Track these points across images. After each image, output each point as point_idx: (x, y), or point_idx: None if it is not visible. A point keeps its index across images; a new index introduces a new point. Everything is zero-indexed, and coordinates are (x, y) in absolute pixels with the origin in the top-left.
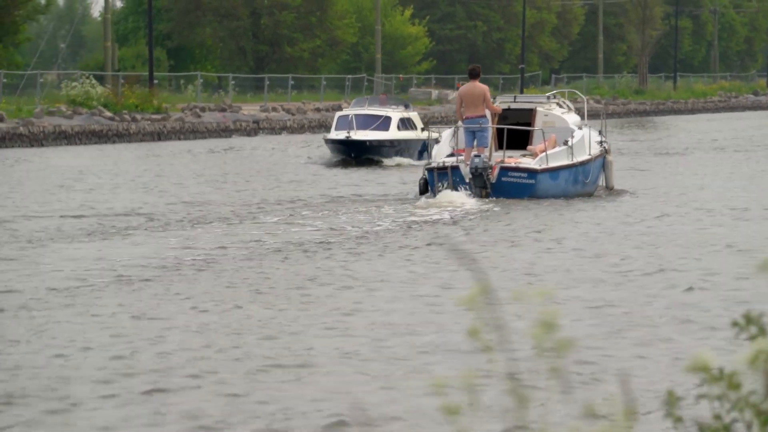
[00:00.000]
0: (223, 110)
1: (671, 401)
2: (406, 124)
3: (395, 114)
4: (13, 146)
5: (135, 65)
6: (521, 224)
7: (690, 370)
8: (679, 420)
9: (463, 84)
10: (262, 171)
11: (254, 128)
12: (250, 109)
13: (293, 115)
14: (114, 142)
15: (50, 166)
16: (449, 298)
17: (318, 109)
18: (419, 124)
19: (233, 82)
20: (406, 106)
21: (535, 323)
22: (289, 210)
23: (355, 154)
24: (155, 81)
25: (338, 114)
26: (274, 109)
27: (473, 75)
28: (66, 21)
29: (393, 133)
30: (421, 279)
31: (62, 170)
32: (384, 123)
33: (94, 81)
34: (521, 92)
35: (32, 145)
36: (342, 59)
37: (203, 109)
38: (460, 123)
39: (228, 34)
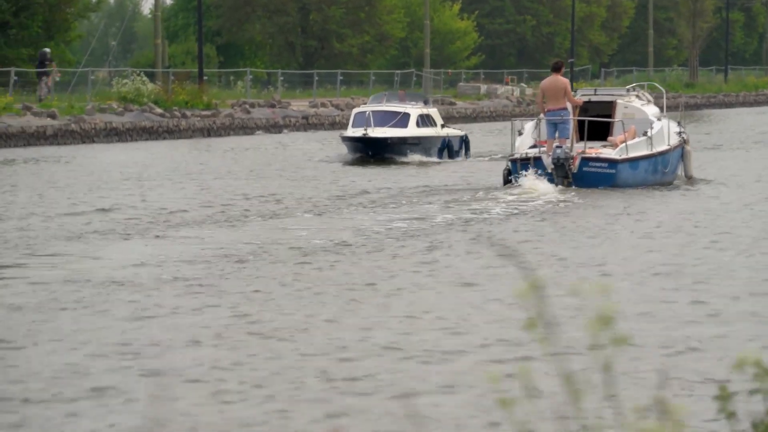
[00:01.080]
0: (273, 106)
1: (724, 397)
2: (425, 120)
3: (414, 110)
4: (65, 143)
5: (185, 62)
6: (604, 212)
7: (738, 367)
8: (732, 415)
9: (512, 79)
10: (317, 166)
11: (303, 124)
12: (299, 105)
13: (342, 110)
14: (164, 138)
15: (105, 162)
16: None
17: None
18: (439, 121)
19: (282, 78)
20: (426, 102)
21: (592, 317)
22: (385, 201)
23: (373, 152)
24: (205, 77)
25: (355, 110)
26: (323, 105)
27: (555, 69)
28: (117, 18)
29: (412, 130)
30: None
31: (117, 166)
32: (402, 120)
33: (144, 78)
34: (571, 87)
35: (84, 142)
36: (391, 54)
37: (252, 105)
38: (542, 115)
39: (277, 30)
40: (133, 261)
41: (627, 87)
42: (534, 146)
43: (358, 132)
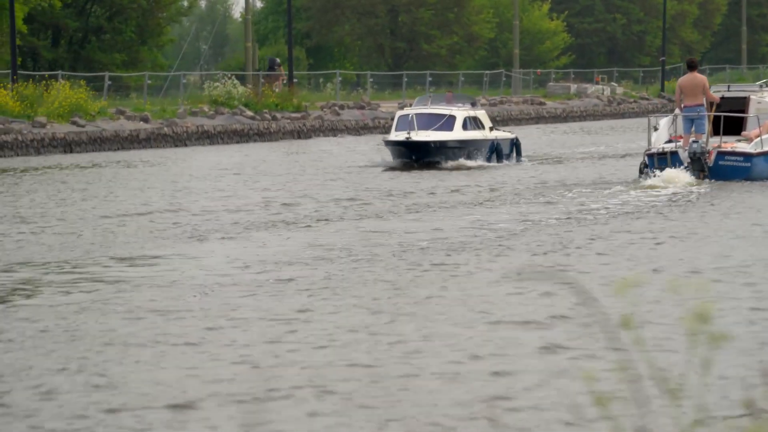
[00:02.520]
0: (362, 108)
1: None
2: (472, 123)
3: (460, 113)
4: (157, 146)
5: None
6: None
7: None
8: None
9: (603, 78)
10: (361, 171)
11: (392, 125)
12: (389, 107)
13: None
14: (254, 140)
15: (200, 164)
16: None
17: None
18: (487, 123)
19: (371, 80)
20: (473, 104)
21: (689, 315)
22: (525, 194)
23: (417, 157)
24: (295, 80)
25: (398, 113)
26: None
27: (691, 67)
28: (208, 22)
29: (457, 134)
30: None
31: (213, 168)
32: (448, 122)
33: (235, 81)
34: (662, 85)
35: (176, 145)
36: (480, 55)
37: (342, 107)
38: (677, 111)
39: (366, 32)
40: (233, 261)
41: (759, 83)
42: (669, 141)
43: (401, 136)
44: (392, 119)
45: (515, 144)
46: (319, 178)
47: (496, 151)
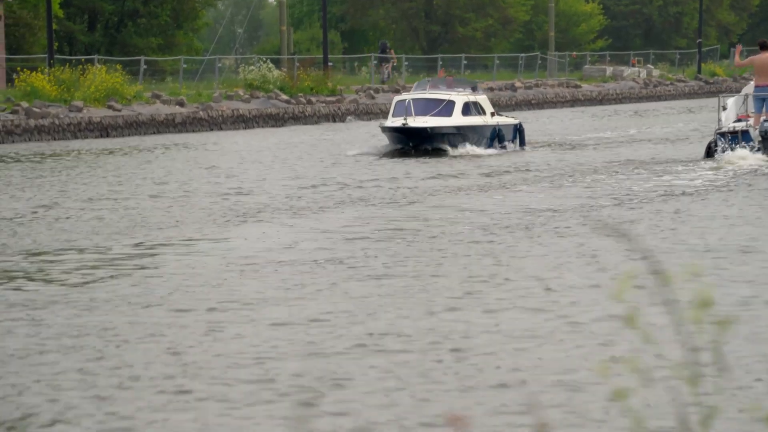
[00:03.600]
0: (397, 91)
1: None
2: (472, 108)
3: (459, 97)
4: (193, 130)
5: (310, 48)
6: None
7: None
8: None
9: (639, 60)
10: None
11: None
12: None
13: None
14: (290, 124)
15: (240, 147)
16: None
17: (491, 89)
18: (489, 108)
19: (406, 63)
20: (474, 89)
21: (694, 302)
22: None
23: (414, 143)
24: (330, 63)
25: (396, 98)
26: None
27: (764, 47)
28: (243, 6)
29: (457, 119)
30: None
31: (253, 150)
32: (446, 108)
33: (270, 65)
34: (699, 68)
35: (211, 129)
36: (515, 38)
37: (377, 91)
38: (744, 90)
39: (401, 15)
40: (284, 242)
41: None
42: (739, 120)
43: (397, 122)
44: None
45: (519, 130)
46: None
47: (497, 137)
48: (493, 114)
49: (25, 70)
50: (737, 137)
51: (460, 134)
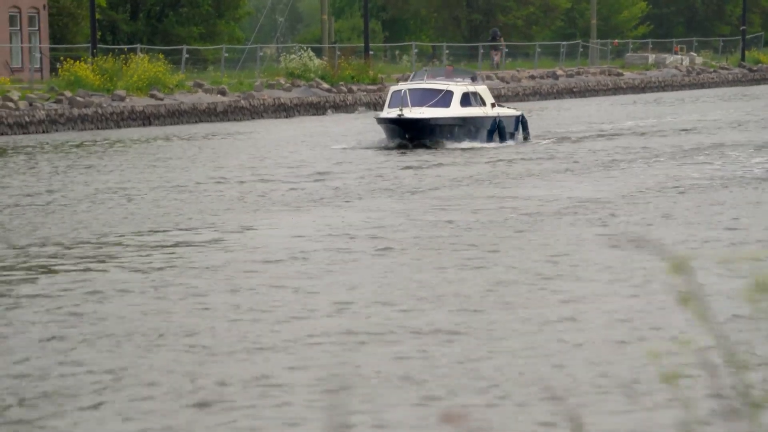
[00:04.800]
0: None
1: None
2: (471, 99)
3: (458, 88)
4: (234, 119)
5: (351, 37)
6: None
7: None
8: None
9: (681, 48)
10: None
11: None
12: None
13: (507, 83)
14: (331, 113)
15: (285, 135)
16: None
17: (532, 77)
18: (489, 99)
19: (447, 52)
20: (473, 79)
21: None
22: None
23: (410, 135)
24: (371, 52)
25: (392, 89)
26: (488, 78)
27: None
28: None
29: (455, 110)
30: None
31: (298, 139)
32: (444, 98)
33: (311, 53)
34: (742, 55)
35: (252, 118)
36: (556, 26)
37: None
38: None
39: (442, 4)
40: (328, 230)
41: None
42: None
43: (393, 113)
44: (509, 90)
45: (521, 121)
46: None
47: (498, 129)
48: (493, 105)
49: (69, 60)
50: None
51: (459, 126)
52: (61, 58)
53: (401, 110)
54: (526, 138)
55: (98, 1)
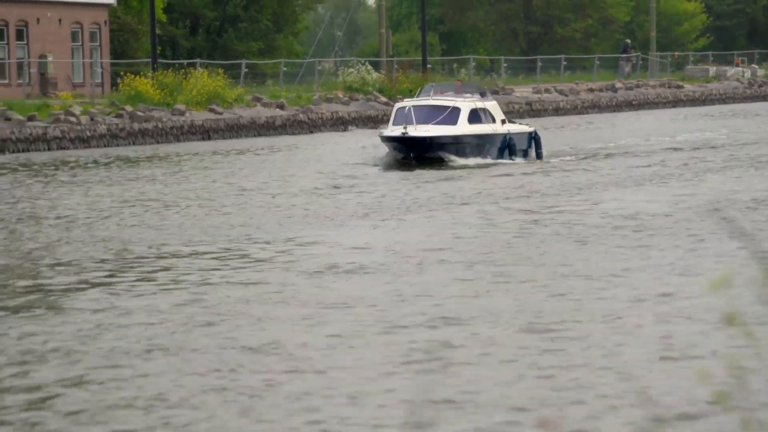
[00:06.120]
0: (496, 92)
1: None
2: (479, 116)
3: (465, 104)
4: (293, 133)
5: (408, 50)
6: None
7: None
8: None
9: (743, 60)
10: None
11: (527, 110)
12: (523, 91)
13: (566, 96)
14: (353, 128)
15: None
16: None
17: (591, 90)
18: (499, 116)
19: (505, 65)
20: (483, 95)
21: None
22: None
23: (415, 154)
24: (428, 65)
25: (397, 105)
26: (547, 91)
27: None
28: (342, 9)
29: (462, 128)
30: None
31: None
32: (451, 115)
33: (369, 67)
34: None
35: (311, 132)
36: (615, 38)
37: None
38: None
39: (499, 17)
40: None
41: None
42: None
43: (397, 130)
44: (568, 103)
45: (534, 138)
46: None
47: (508, 147)
48: (504, 122)
49: (129, 75)
50: None
51: (466, 143)
52: (122, 73)
53: (405, 128)
54: (538, 156)
55: (159, 16)
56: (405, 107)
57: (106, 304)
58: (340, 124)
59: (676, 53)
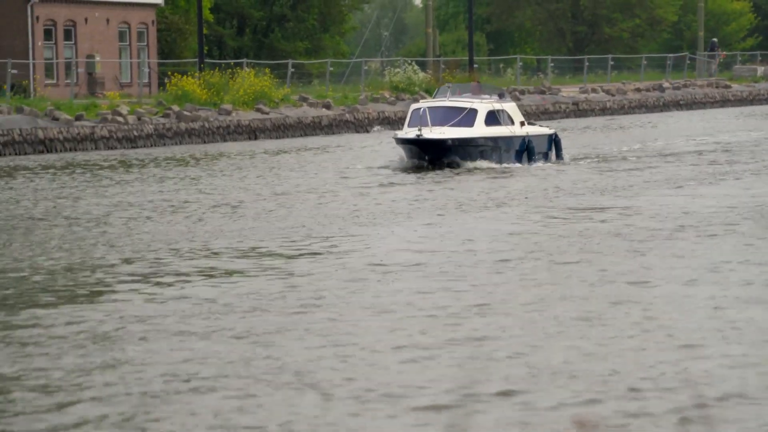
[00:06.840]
0: (542, 92)
1: None
2: (497, 117)
3: (483, 106)
4: (339, 132)
5: (455, 50)
6: None
7: None
8: None
9: None
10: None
11: (573, 110)
12: (569, 91)
13: (613, 96)
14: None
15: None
16: None
17: (638, 90)
18: (518, 117)
19: (552, 65)
20: (501, 96)
21: None
22: None
23: (430, 157)
24: (475, 65)
25: (412, 107)
26: (594, 91)
27: None
28: (389, 9)
29: (479, 130)
30: None
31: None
32: (468, 117)
33: (415, 67)
34: None
35: (357, 131)
36: (663, 38)
37: (522, 92)
38: None
39: (547, 16)
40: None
41: None
42: None
43: (411, 133)
44: (614, 102)
45: (554, 141)
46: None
47: (527, 149)
48: (522, 123)
49: (176, 74)
50: None
51: (484, 146)
52: (169, 72)
53: (420, 130)
54: (559, 158)
55: (206, 16)
56: (420, 108)
57: (191, 293)
58: (386, 123)
59: (724, 53)
